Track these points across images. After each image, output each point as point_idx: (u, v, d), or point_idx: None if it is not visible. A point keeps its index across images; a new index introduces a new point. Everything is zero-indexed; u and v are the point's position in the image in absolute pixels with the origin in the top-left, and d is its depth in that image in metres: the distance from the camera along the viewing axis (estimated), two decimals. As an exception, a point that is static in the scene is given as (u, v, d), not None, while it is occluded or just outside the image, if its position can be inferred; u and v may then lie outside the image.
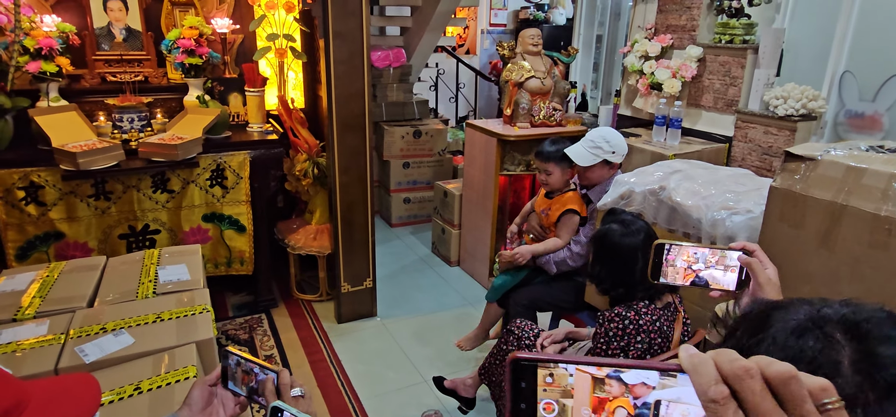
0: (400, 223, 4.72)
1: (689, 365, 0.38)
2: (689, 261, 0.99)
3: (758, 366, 0.35)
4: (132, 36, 3.06)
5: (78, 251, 2.74)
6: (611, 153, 2.44)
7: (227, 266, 3.11)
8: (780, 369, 0.35)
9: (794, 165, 1.63)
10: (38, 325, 1.57)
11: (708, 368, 0.37)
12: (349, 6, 2.69)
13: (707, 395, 0.36)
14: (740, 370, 0.35)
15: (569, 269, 2.52)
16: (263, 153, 2.99)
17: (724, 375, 0.36)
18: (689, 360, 0.38)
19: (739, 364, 0.36)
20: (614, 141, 2.45)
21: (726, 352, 0.37)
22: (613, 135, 2.46)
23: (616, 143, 2.45)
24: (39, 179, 2.59)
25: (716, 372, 0.36)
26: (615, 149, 2.44)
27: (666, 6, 3.10)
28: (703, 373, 0.36)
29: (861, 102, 2.54)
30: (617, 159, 2.46)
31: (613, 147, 2.44)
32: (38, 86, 2.75)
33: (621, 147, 2.46)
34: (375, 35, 4.96)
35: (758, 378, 0.35)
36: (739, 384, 0.35)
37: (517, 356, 0.42)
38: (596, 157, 2.44)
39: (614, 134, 2.48)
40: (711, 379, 0.36)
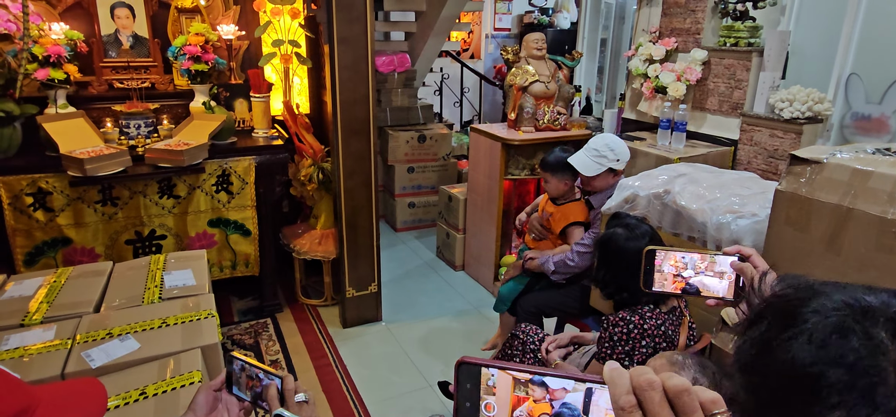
0: (405, 227, 4.72)
1: (608, 377, 0.43)
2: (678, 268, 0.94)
3: (660, 380, 0.41)
4: (139, 43, 3.09)
5: (85, 256, 2.76)
6: (615, 161, 2.43)
7: (232, 268, 3.12)
8: (676, 383, 0.40)
9: (799, 168, 1.62)
10: (46, 330, 1.58)
11: (623, 380, 0.42)
12: (354, 12, 2.70)
13: (618, 403, 0.41)
14: (645, 383, 0.41)
15: (568, 272, 2.51)
16: (269, 158, 3.01)
17: (634, 387, 0.41)
18: (609, 373, 0.43)
19: (645, 377, 0.41)
20: (618, 148, 2.44)
21: (642, 369, 0.42)
22: (617, 143, 2.46)
23: (620, 151, 2.44)
24: (47, 185, 2.62)
25: (628, 385, 0.41)
26: (620, 157, 2.44)
27: (670, 10, 3.10)
28: (618, 385, 0.42)
29: (868, 105, 2.53)
30: (621, 166, 2.46)
31: (618, 155, 2.43)
32: (47, 93, 2.78)
33: (624, 153, 2.45)
34: (380, 40, 4.97)
35: (658, 390, 0.40)
36: (642, 394, 0.40)
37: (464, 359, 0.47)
38: (600, 167, 2.43)
39: (617, 141, 2.47)
40: (624, 390, 0.41)
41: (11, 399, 0.63)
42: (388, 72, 4.62)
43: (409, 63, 4.73)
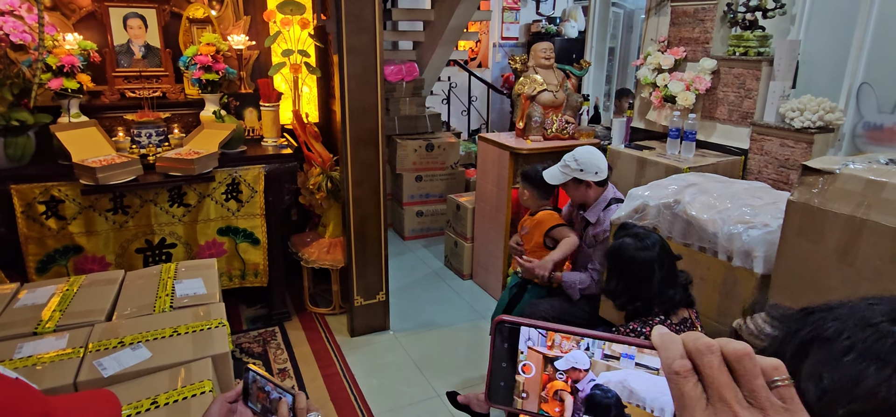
0: (413, 236, 4.72)
1: (658, 342, 0.41)
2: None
3: (718, 344, 0.39)
4: (151, 53, 3.12)
5: (96, 265, 2.78)
6: (579, 171, 2.41)
7: (242, 278, 3.14)
8: (737, 347, 0.38)
9: (811, 179, 1.61)
10: (58, 339, 1.59)
11: (676, 345, 0.40)
12: (363, 22, 2.72)
13: (672, 368, 0.39)
14: (703, 346, 0.39)
15: (594, 294, 2.50)
16: (278, 167, 3.02)
17: (688, 351, 0.39)
18: (660, 337, 0.41)
19: (702, 341, 0.39)
20: (582, 158, 2.42)
21: (693, 333, 0.40)
22: (582, 153, 2.44)
23: (584, 161, 2.41)
24: (60, 194, 2.64)
25: (682, 349, 0.39)
26: (583, 167, 2.40)
27: (679, 19, 3.09)
28: (671, 349, 0.40)
29: (880, 114, 2.51)
30: (587, 176, 2.41)
31: (581, 164, 2.41)
32: (60, 103, 2.81)
33: (591, 164, 2.40)
34: (388, 49, 5.01)
35: (717, 354, 0.38)
36: (700, 358, 0.38)
37: (502, 318, 0.45)
38: (565, 176, 2.45)
39: (584, 152, 2.45)
40: (677, 354, 0.39)
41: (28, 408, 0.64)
42: (396, 82, 4.64)
43: (418, 72, 4.75)
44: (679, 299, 1.77)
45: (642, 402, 0.42)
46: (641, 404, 0.42)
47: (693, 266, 2.03)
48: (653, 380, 0.42)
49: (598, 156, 2.45)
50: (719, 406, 0.36)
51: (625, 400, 0.43)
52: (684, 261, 1.95)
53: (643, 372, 0.42)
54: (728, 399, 0.37)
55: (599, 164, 2.43)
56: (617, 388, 0.43)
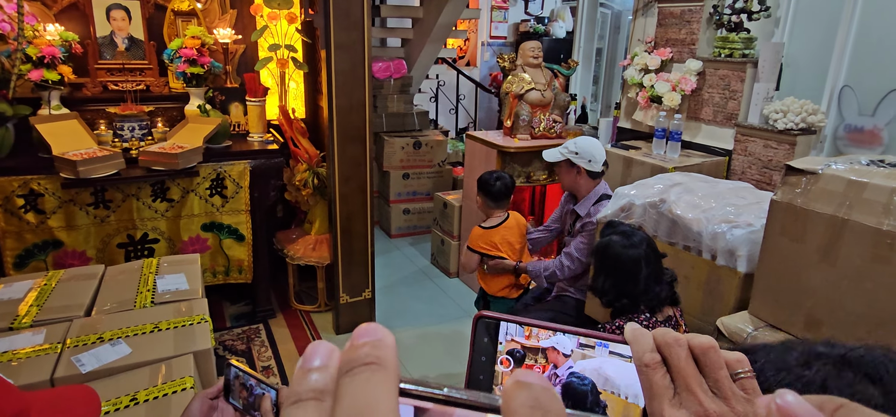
0: (399, 234, 4.71)
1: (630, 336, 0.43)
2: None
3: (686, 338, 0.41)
4: (134, 45, 3.07)
5: (76, 260, 2.73)
6: (574, 153, 2.45)
7: (226, 274, 3.10)
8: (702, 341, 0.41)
9: (794, 179, 1.63)
10: (35, 334, 1.56)
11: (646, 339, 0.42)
12: (351, 18, 2.70)
13: (642, 360, 0.41)
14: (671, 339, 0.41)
15: (557, 280, 2.51)
16: (263, 163, 2.99)
17: (658, 345, 0.41)
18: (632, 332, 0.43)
19: (671, 335, 0.41)
20: (580, 144, 2.47)
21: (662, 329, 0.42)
22: (582, 140, 2.49)
23: (581, 146, 2.45)
24: (39, 187, 2.59)
25: (652, 343, 0.41)
26: (578, 151, 2.44)
27: (665, 20, 3.12)
28: (642, 343, 0.42)
29: (860, 117, 2.55)
30: (580, 161, 2.44)
31: (577, 148, 2.45)
32: (40, 94, 2.75)
33: (586, 151, 2.44)
34: (376, 46, 4.98)
35: (684, 347, 0.40)
36: (668, 351, 0.40)
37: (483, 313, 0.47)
38: (560, 156, 2.49)
39: (584, 139, 2.51)
40: (647, 348, 0.41)
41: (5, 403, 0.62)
42: (384, 79, 4.62)
43: (406, 69, 4.73)
44: (665, 296, 1.78)
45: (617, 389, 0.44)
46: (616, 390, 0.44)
47: (678, 264, 2.04)
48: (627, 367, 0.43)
49: (595, 146, 2.48)
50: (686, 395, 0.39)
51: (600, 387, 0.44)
52: (669, 260, 1.96)
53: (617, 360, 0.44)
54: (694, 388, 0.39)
55: (594, 154, 2.44)
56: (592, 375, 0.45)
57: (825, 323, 1.59)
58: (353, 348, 0.26)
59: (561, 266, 2.48)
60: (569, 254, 2.48)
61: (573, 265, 2.46)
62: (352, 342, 0.27)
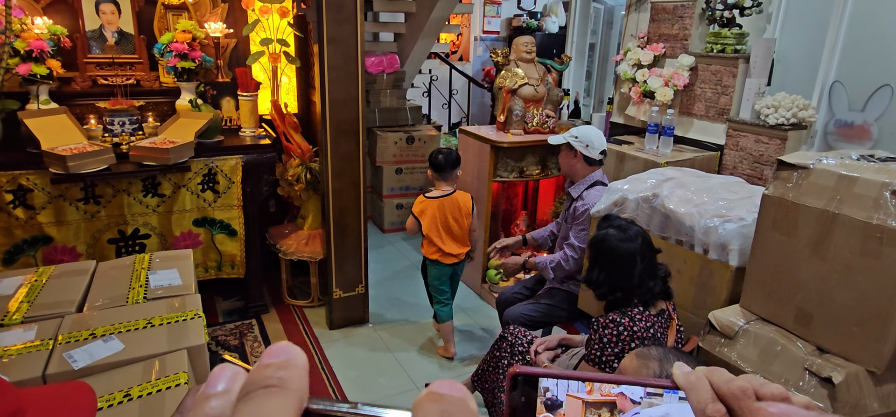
0: (392, 229, 4.70)
1: (685, 384, 0.39)
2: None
3: (751, 386, 0.37)
4: (124, 39, 3.04)
5: (66, 255, 2.71)
6: (573, 137, 2.52)
7: (218, 269, 3.08)
8: (774, 390, 0.37)
9: (786, 173, 1.64)
10: (26, 331, 1.54)
11: (704, 385, 0.38)
12: (344, 12, 2.69)
13: (705, 413, 0.37)
14: (737, 390, 0.37)
15: (565, 273, 2.53)
16: (256, 158, 2.97)
17: (721, 395, 0.37)
18: (685, 378, 0.39)
19: (736, 384, 0.37)
20: (581, 129, 2.55)
21: (719, 371, 0.39)
22: (587, 129, 2.56)
23: (581, 131, 2.54)
24: (28, 182, 2.56)
25: (711, 391, 0.38)
26: (578, 135, 2.52)
27: (658, 16, 3.13)
28: (701, 391, 0.38)
29: (850, 112, 2.57)
30: (578, 145, 2.51)
31: (577, 133, 2.53)
32: (28, 89, 2.72)
33: (585, 136, 2.52)
34: (369, 41, 4.96)
35: (752, 397, 0.36)
36: (736, 403, 0.37)
37: (517, 370, 0.43)
38: (562, 140, 2.56)
39: (586, 127, 2.59)
40: (709, 397, 0.37)
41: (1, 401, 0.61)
42: (377, 73, 4.60)
43: (399, 64, 4.72)
44: (658, 291, 1.79)
45: None
46: None
47: (670, 258, 2.06)
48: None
49: (595, 134, 2.55)
50: None
51: None
52: (662, 254, 1.98)
53: (686, 406, 0.41)
54: None
55: (593, 140, 2.50)
56: None
57: (815, 315, 1.61)
58: (257, 369, 0.25)
59: (566, 257, 2.51)
60: (571, 244, 2.51)
61: (576, 255, 2.48)
62: (258, 363, 0.27)
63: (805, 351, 1.62)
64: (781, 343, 1.67)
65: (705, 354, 1.78)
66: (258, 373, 0.25)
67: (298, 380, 0.25)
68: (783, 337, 1.68)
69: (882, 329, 1.46)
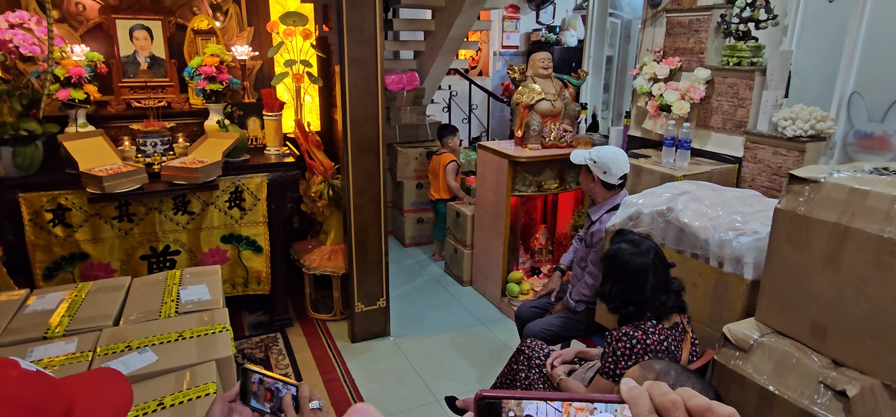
0: (413, 243, 4.77)
1: (628, 397, 0.43)
2: None
3: (682, 399, 0.42)
4: (156, 63, 3.19)
5: (101, 271, 2.84)
6: (592, 161, 2.53)
7: (245, 286, 3.19)
8: (700, 403, 0.42)
9: (798, 187, 1.66)
10: (68, 343, 1.64)
11: (644, 400, 0.43)
12: (364, 33, 2.78)
13: None
14: (669, 403, 0.42)
15: (587, 299, 2.56)
16: (280, 175, 3.08)
17: (656, 406, 0.42)
18: (628, 392, 0.44)
19: (669, 397, 0.42)
20: (601, 152, 2.54)
21: (659, 385, 0.43)
22: (604, 149, 2.56)
23: (601, 155, 2.53)
24: (67, 202, 2.70)
25: (650, 404, 0.42)
26: (596, 160, 2.52)
27: (674, 29, 3.15)
28: (640, 404, 0.42)
29: (870, 123, 2.55)
30: (596, 171, 2.52)
31: (595, 157, 2.53)
32: (67, 113, 2.87)
33: (603, 161, 2.51)
34: (389, 59, 5.07)
35: (682, 410, 0.41)
36: (667, 414, 0.41)
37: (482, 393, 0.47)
38: (582, 160, 2.58)
39: (606, 148, 2.58)
40: (646, 410, 0.42)
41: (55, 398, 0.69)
42: (397, 91, 4.70)
43: (418, 81, 4.81)
44: (671, 305, 1.81)
45: None
46: None
47: (685, 272, 2.07)
48: None
49: (616, 159, 2.54)
50: None
51: None
52: (677, 268, 2.00)
53: None
54: None
55: (611, 166, 2.51)
56: None
57: (830, 329, 1.61)
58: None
59: (586, 286, 2.54)
60: (591, 273, 2.54)
61: (596, 282, 2.51)
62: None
63: (820, 364, 1.62)
64: (796, 356, 1.67)
65: (720, 367, 1.79)
66: None
67: None
68: (798, 350, 1.68)
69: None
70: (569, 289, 2.67)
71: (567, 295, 2.64)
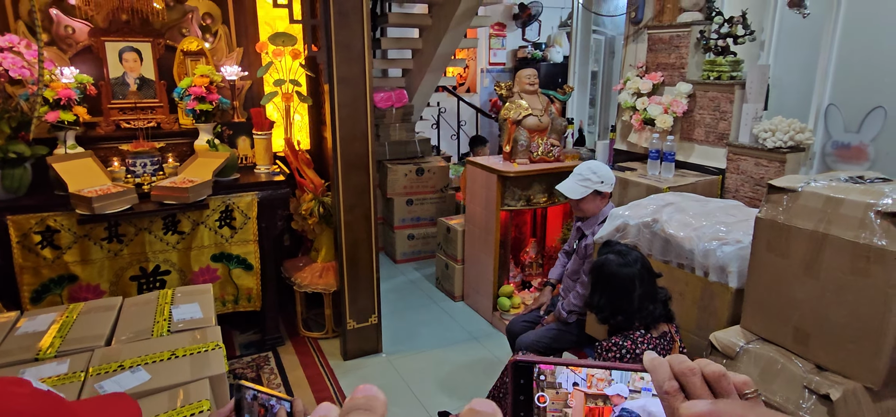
0: (404, 259, 4.79)
1: (649, 365, 0.48)
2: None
3: (698, 366, 0.46)
4: (146, 85, 3.20)
5: (90, 293, 2.82)
6: (600, 183, 2.55)
7: (235, 303, 3.18)
8: (714, 368, 0.46)
9: (776, 197, 1.71)
10: (59, 364, 1.64)
11: (664, 367, 0.47)
12: (353, 52, 2.83)
13: (662, 388, 0.46)
14: (687, 369, 0.46)
15: (578, 308, 2.59)
16: (270, 194, 3.09)
17: (675, 373, 0.47)
18: (650, 361, 0.49)
19: (686, 364, 0.47)
20: (602, 171, 2.57)
21: (679, 357, 0.48)
22: (600, 166, 2.59)
23: (603, 173, 2.56)
24: (55, 223, 2.69)
25: (670, 371, 0.47)
26: (603, 179, 2.55)
27: (655, 45, 3.23)
28: (661, 371, 0.47)
29: (846, 133, 2.63)
30: (606, 188, 2.57)
31: (601, 176, 2.55)
32: (56, 134, 2.87)
33: (609, 176, 2.57)
34: (378, 77, 5.13)
35: (698, 375, 0.46)
36: (685, 379, 0.46)
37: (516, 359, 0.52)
38: (586, 189, 2.57)
39: (601, 165, 2.62)
40: (666, 376, 0.47)
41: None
42: (386, 108, 4.75)
43: (407, 98, 4.86)
44: (659, 314, 1.85)
45: None
46: None
47: (672, 282, 2.11)
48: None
49: (607, 168, 2.61)
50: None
51: None
52: (664, 278, 2.04)
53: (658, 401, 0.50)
54: None
55: (611, 176, 2.57)
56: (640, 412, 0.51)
57: (812, 334, 1.65)
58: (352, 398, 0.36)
59: (578, 296, 2.58)
60: (582, 283, 2.57)
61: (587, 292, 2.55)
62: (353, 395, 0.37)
63: (804, 369, 1.66)
64: (781, 362, 1.71)
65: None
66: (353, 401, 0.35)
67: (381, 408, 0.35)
68: (783, 356, 1.72)
69: (876, 345, 1.51)
70: (560, 301, 2.70)
71: (559, 306, 2.67)
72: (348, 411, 0.34)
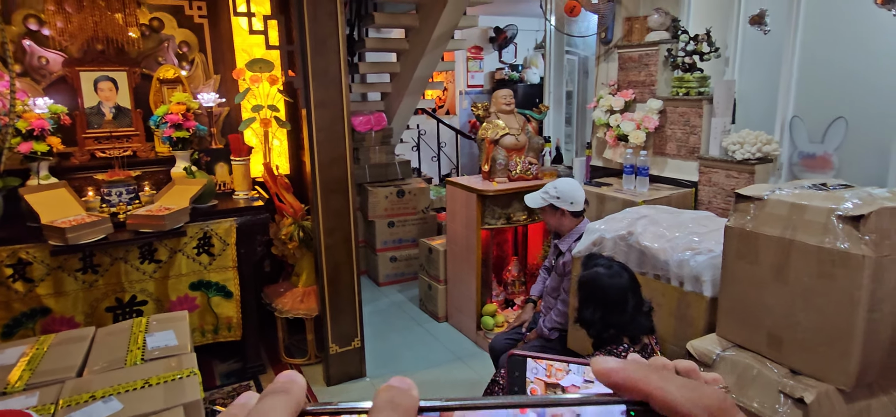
0: (387, 281, 4.77)
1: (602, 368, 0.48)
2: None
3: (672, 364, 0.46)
4: (121, 113, 3.18)
5: (64, 326, 2.75)
6: (555, 198, 2.61)
7: (215, 333, 3.13)
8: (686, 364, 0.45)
9: (744, 205, 1.76)
10: (28, 397, 1.60)
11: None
12: (329, 77, 2.85)
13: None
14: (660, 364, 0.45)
15: (560, 326, 2.60)
16: (249, 219, 3.07)
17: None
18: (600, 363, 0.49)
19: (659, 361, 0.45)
20: (561, 187, 2.63)
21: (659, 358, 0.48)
22: (562, 183, 2.66)
23: (562, 190, 2.61)
24: (27, 256, 2.64)
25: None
26: (560, 196, 2.60)
27: (626, 64, 3.32)
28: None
29: (811, 144, 2.72)
30: (562, 204, 2.60)
31: (559, 192, 2.62)
32: (29, 166, 2.83)
33: (567, 194, 2.60)
34: (357, 100, 5.16)
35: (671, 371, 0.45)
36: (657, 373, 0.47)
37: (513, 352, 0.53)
38: (544, 201, 2.66)
39: (564, 182, 2.67)
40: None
41: None
42: (365, 131, 4.77)
43: (386, 121, 4.89)
44: (646, 325, 1.85)
45: None
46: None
47: (649, 293, 2.14)
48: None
49: (575, 189, 2.63)
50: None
51: None
52: (642, 289, 2.06)
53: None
54: None
55: (575, 196, 2.59)
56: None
57: (785, 339, 1.69)
58: (275, 382, 0.36)
59: (559, 313, 2.60)
60: (563, 300, 2.59)
61: (567, 309, 2.57)
62: (274, 382, 0.37)
63: (779, 374, 1.69)
64: (756, 367, 1.74)
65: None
66: (270, 385, 0.36)
67: (299, 391, 0.35)
68: (758, 361, 1.75)
69: (845, 347, 1.54)
70: (541, 318, 2.71)
71: (541, 322, 2.68)
72: (267, 394, 0.35)
